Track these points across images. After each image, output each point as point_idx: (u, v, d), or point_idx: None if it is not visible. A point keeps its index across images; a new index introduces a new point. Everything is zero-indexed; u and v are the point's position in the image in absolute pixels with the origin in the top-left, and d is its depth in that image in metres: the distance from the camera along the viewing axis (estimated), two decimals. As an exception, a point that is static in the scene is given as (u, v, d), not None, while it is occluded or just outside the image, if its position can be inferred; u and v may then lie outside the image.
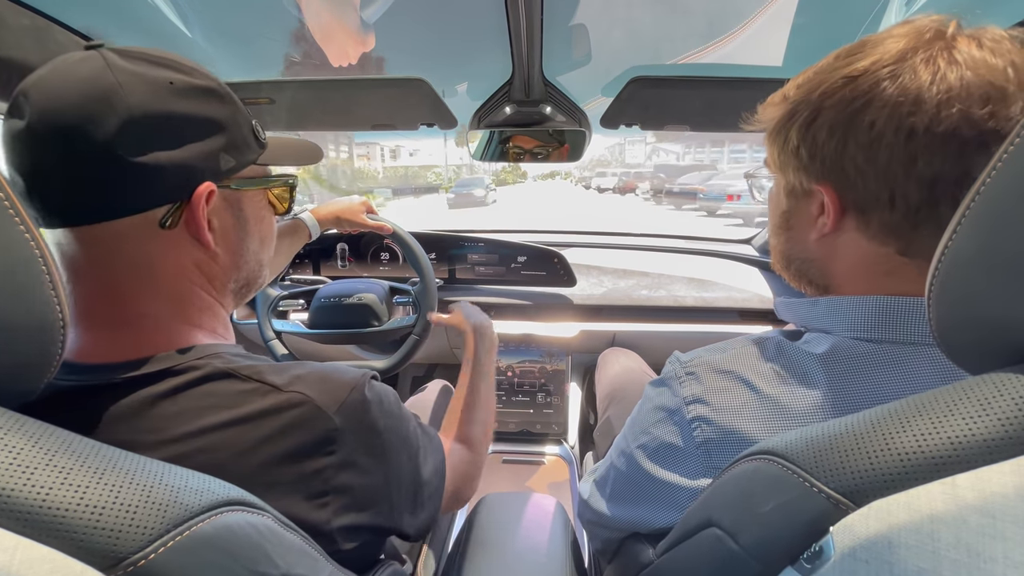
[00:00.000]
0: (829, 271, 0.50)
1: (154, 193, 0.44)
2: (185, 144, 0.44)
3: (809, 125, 0.45)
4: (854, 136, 0.42)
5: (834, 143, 0.44)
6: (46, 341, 0.33)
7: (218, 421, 0.41)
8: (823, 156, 0.45)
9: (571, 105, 1.03)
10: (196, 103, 0.44)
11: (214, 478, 0.35)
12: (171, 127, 0.43)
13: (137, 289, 0.45)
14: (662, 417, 0.51)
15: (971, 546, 0.23)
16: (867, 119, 0.41)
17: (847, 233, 0.47)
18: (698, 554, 0.40)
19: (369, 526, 0.48)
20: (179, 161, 0.43)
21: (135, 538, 0.28)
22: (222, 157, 0.47)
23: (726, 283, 1.54)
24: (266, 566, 0.34)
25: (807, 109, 0.45)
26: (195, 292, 0.49)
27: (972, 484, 0.24)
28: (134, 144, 0.41)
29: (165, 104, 0.42)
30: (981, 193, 0.28)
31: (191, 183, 0.45)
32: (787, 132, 0.47)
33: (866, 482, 0.28)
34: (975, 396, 0.27)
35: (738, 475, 0.37)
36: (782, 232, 0.54)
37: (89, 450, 0.30)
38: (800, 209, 0.50)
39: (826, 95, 0.44)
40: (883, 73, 0.41)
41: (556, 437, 1.47)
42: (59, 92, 0.40)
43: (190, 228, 0.46)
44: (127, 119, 0.40)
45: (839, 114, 0.43)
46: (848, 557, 0.27)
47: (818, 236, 0.48)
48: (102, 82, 0.40)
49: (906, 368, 0.42)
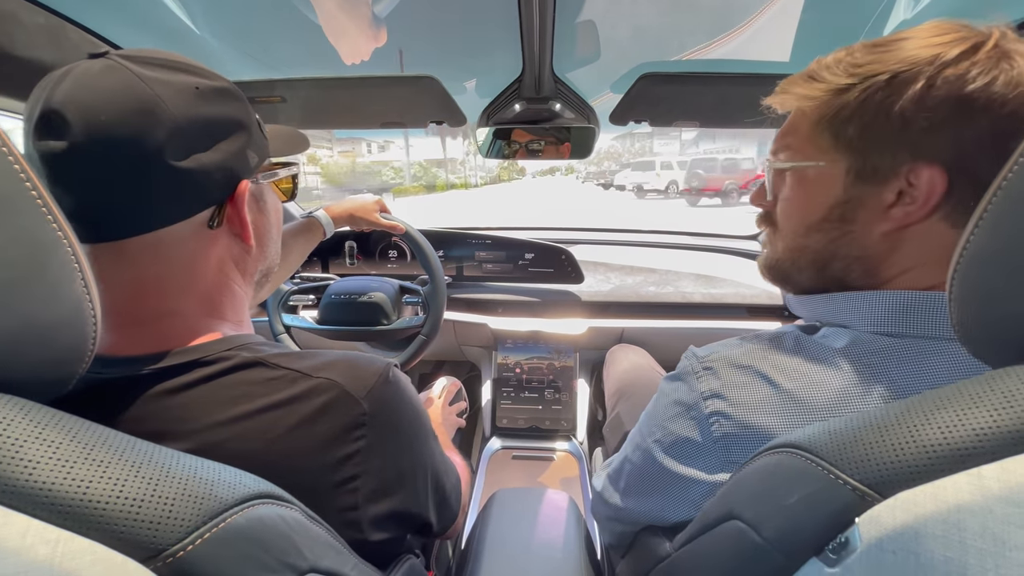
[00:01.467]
0: (881, 268, 0.47)
1: (203, 196, 0.45)
2: (220, 145, 0.45)
3: (923, 96, 0.41)
4: (984, 110, 0.40)
5: (959, 117, 0.40)
6: (78, 336, 0.33)
7: (250, 409, 0.41)
8: (943, 130, 0.41)
9: (580, 102, 1.03)
10: (222, 105, 0.46)
11: (245, 472, 0.35)
12: (208, 131, 0.44)
13: (173, 288, 0.46)
14: (679, 412, 0.51)
15: (997, 535, 0.24)
16: (997, 94, 0.39)
17: (928, 222, 0.44)
18: (719, 547, 0.40)
19: (397, 513, 0.49)
20: (219, 163, 0.45)
21: (174, 530, 0.29)
22: (249, 154, 0.49)
23: (734, 279, 1.53)
24: (295, 558, 0.35)
25: (922, 78, 0.41)
26: (229, 286, 0.50)
27: (997, 475, 0.25)
28: (182, 151, 0.42)
29: (198, 109, 0.43)
30: (1000, 191, 0.28)
31: (232, 182, 0.47)
32: (886, 104, 0.42)
33: (892, 474, 0.28)
34: (999, 388, 0.27)
35: (760, 469, 0.37)
36: (831, 227, 0.48)
37: (126, 444, 0.31)
38: (870, 197, 0.46)
39: (945, 64, 0.40)
40: (994, 54, 0.40)
41: (565, 433, 1.47)
42: (99, 108, 0.39)
43: (232, 225, 0.49)
44: (172, 128, 0.41)
45: (964, 84, 0.40)
46: (875, 548, 0.27)
47: (892, 228, 0.45)
48: (140, 94, 0.40)
49: (923, 363, 0.42)
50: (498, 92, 1.02)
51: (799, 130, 0.49)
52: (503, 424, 1.49)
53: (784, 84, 0.50)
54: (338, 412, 0.44)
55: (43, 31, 0.77)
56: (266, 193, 0.55)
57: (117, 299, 0.44)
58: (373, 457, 0.46)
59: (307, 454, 0.42)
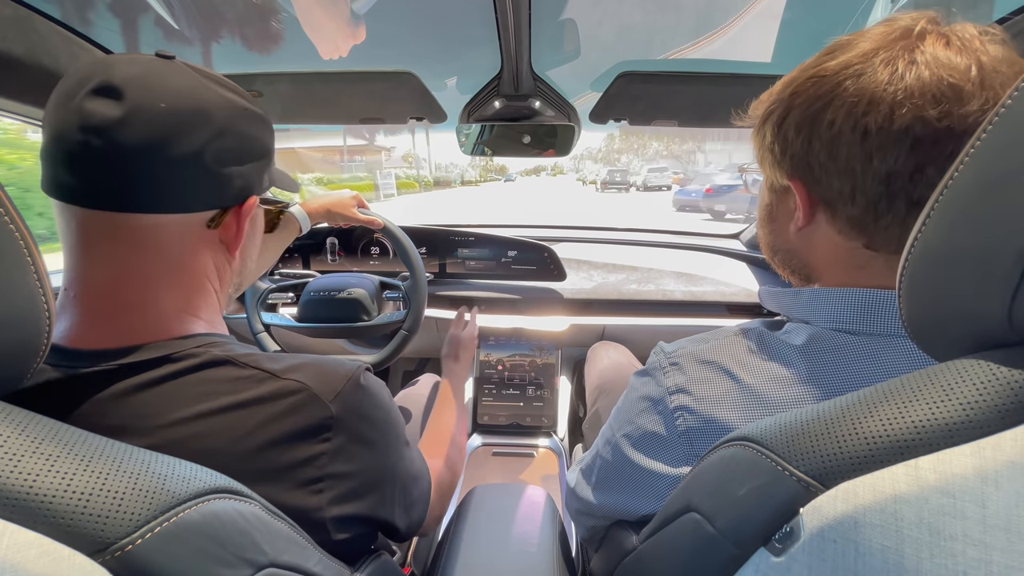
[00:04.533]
0: (809, 262, 0.52)
1: (217, 198, 0.48)
2: (250, 162, 0.50)
3: (781, 123, 0.47)
4: (817, 134, 0.44)
5: (800, 140, 0.46)
6: (32, 331, 0.33)
7: (215, 407, 0.41)
8: (792, 153, 0.47)
9: (560, 100, 1.03)
10: (260, 129, 0.51)
11: (202, 466, 0.35)
12: (243, 146, 0.49)
13: (158, 278, 0.46)
14: (646, 406, 0.52)
15: (932, 525, 0.24)
16: (828, 118, 0.43)
17: (820, 227, 0.49)
18: (678, 538, 0.41)
19: (362, 516, 0.49)
20: (242, 174, 0.49)
21: (122, 524, 0.29)
22: (264, 177, 0.54)
23: (714, 277, 1.55)
24: (253, 553, 0.34)
25: (780, 107, 0.47)
26: (207, 288, 0.51)
27: (934, 466, 0.25)
28: (216, 155, 0.46)
29: (243, 126, 0.49)
30: (947, 189, 0.29)
31: (245, 194, 0.51)
32: (764, 129, 0.49)
33: (834, 465, 0.29)
34: (939, 382, 0.28)
35: (716, 461, 0.38)
36: (767, 224, 0.56)
37: (76, 438, 0.31)
38: (780, 203, 0.52)
39: (796, 94, 0.46)
40: (847, 73, 0.42)
41: (546, 430, 1.48)
42: (160, 96, 0.43)
43: (226, 232, 0.51)
44: (216, 133, 0.46)
45: (805, 112, 0.45)
46: (817, 537, 0.28)
47: (795, 229, 0.50)
48: (199, 96, 0.45)
49: (881, 359, 0.43)
50: (478, 89, 1.01)
51: None
52: (484, 421, 1.49)
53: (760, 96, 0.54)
54: (304, 414, 0.44)
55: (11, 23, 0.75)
56: (258, 216, 0.59)
57: (98, 279, 0.44)
58: (339, 461, 0.45)
59: (270, 454, 0.42)
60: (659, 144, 49.89)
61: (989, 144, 0.27)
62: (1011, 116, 0.26)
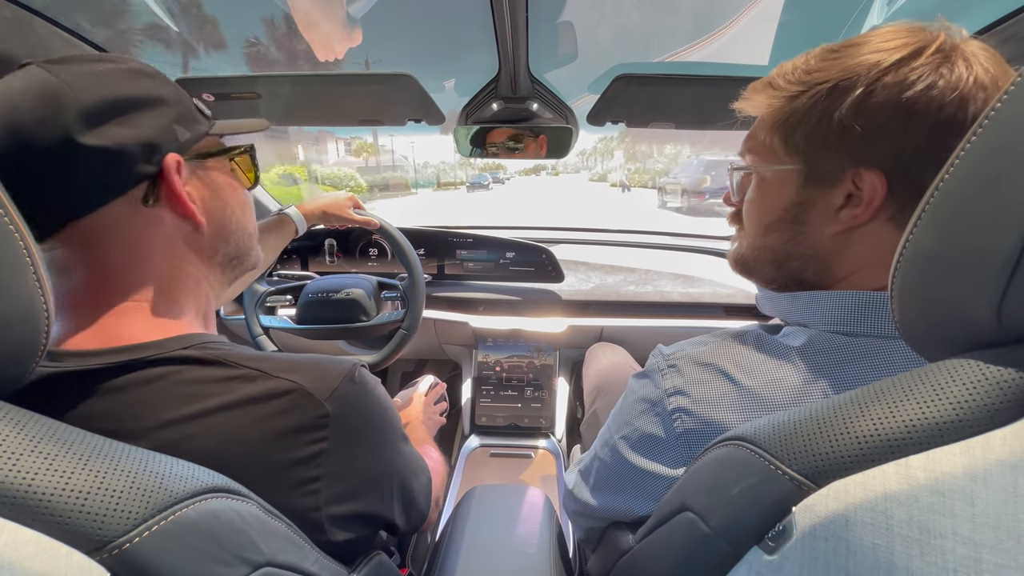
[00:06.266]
0: (833, 267, 0.49)
1: (126, 172, 0.45)
2: (136, 119, 0.45)
3: (862, 103, 0.42)
4: (920, 116, 0.41)
5: (896, 123, 0.42)
6: (31, 331, 0.33)
7: (206, 407, 0.41)
8: (880, 136, 0.42)
9: (558, 102, 1.03)
10: (138, 83, 0.46)
11: (199, 466, 0.35)
12: (122, 108, 0.44)
13: (127, 274, 0.45)
14: (644, 408, 0.52)
15: (922, 523, 0.25)
16: (935, 101, 0.40)
17: (874, 224, 0.45)
18: (673, 538, 0.41)
19: (360, 515, 0.49)
20: (137, 138, 0.45)
21: (119, 522, 0.29)
22: (177, 129, 0.48)
23: (712, 279, 1.55)
24: (250, 552, 0.35)
25: (861, 85, 0.42)
26: (186, 271, 0.50)
27: (924, 465, 0.26)
28: (92, 130, 0.42)
29: (112, 89, 0.44)
30: (938, 191, 0.29)
31: (156, 156, 0.46)
32: (828, 111, 0.44)
33: (826, 464, 0.29)
34: (930, 382, 0.28)
35: (710, 461, 0.38)
36: (785, 228, 0.50)
37: (74, 437, 0.31)
38: (819, 200, 0.47)
39: (885, 72, 0.41)
40: (933, 60, 0.41)
41: (544, 431, 1.48)
42: (10, 103, 0.40)
43: (172, 202, 0.48)
44: (80, 109, 0.41)
45: (903, 91, 0.41)
46: (809, 535, 0.28)
47: (841, 229, 0.46)
48: (44, 83, 0.41)
49: (879, 360, 0.43)
50: (476, 91, 1.02)
51: (758, 135, 0.51)
52: (482, 422, 1.49)
53: (747, 90, 0.52)
54: (298, 413, 0.43)
55: (10, 25, 0.76)
56: (214, 172, 0.54)
57: (74, 290, 0.44)
58: (335, 460, 0.45)
59: (264, 454, 0.42)
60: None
61: (979, 146, 0.27)
62: (1000, 119, 0.26)
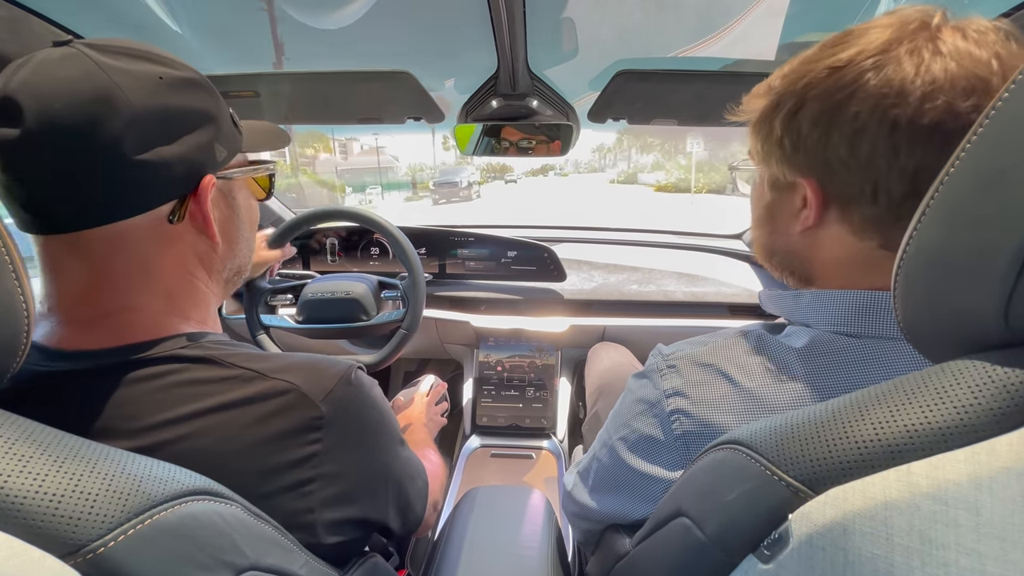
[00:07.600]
0: (811, 264, 0.50)
1: (162, 189, 0.44)
2: (183, 137, 0.44)
3: (793, 116, 0.44)
4: (837, 127, 0.42)
5: (817, 134, 0.43)
6: (10, 331, 0.32)
7: (201, 408, 0.40)
8: (806, 148, 0.44)
9: (558, 99, 1.02)
10: (187, 96, 0.44)
11: (180, 468, 0.35)
12: (170, 122, 0.43)
13: (129, 284, 0.44)
14: (643, 409, 0.51)
15: (923, 532, 0.24)
16: (851, 110, 0.41)
17: (830, 227, 0.46)
18: (668, 544, 0.40)
19: (355, 519, 0.48)
20: (181, 156, 0.43)
21: (94, 526, 0.28)
22: (216, 148, 0.47)
23: (716, 278, 1.54)
24: (233, 555, 0.34)
25: (791, 99, 0.44)
26: (192, 284, 0.49)
27: (926, 471, 0.25)
28: (139, 142, 0.40)
29: (161, 99, 0.42)
30: (942, 187, 0.28)
31: (194, 176, 0.45)
32: (771, 123, 0.46)
33: (824, 470, 0.28)
34: (933, 385, 0.27)
35: (706, 465, 0.37)
36: (765, 224, 0.53)
37: (50, 439, 0.30)
38: (783, 202, 0.49)
39: (810, 85, 0.43)
40: (867, 64, 0.40)
41: (545, 432, 1.47)
42: (54, 95, 0.38)
43: (195, 221, 0.47)
44: (130, 118, 0.40)
45: (823, 105, 0.42)
46: (805, 544, 0.27)
47: (801, 229, 0.48)
48: (98, 82, 0.39)
49: (883, 362, 0.42)
50: (475, 89, 1.01)
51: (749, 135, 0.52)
52: (483, 422, 1.48)
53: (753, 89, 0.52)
54: (293, 414, 0.43)
55: (5, 24, 0.75)
56: (237, 190, 0.53)
57: (71, 291, 0.43)
58: (329, 462, 0.45)
59: (258, 455, 0.41)
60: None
61: (985, 140, 0.26)
62: (1007, 111, 0.25)
